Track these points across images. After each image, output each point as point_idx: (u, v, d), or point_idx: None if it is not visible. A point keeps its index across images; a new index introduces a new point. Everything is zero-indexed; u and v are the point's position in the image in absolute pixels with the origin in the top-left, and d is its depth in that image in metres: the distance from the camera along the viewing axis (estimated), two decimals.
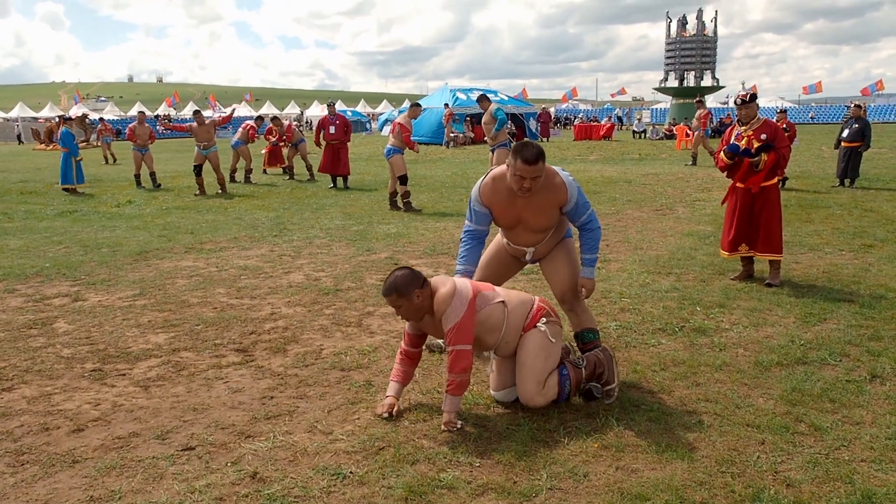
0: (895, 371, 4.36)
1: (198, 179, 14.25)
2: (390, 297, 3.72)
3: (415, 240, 9.01)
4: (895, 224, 9.52)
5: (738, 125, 6.58)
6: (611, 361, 4.03)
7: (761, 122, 6.44)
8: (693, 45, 54.20)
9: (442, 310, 3.67)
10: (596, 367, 3.99)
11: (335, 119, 15.16)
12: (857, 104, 15.12)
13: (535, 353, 3.81)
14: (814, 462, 3.27)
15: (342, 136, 14.95)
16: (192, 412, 3.93)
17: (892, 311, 5.57)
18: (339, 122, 15.12)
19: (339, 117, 15.28)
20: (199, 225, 10.45)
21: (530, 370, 3.79)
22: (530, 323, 3.87)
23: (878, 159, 19.69)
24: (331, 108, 15.75)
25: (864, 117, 14.51)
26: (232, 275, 7.20)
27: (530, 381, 3.77)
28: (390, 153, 11.59)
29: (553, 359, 3.86)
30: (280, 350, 4.95)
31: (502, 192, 4.19)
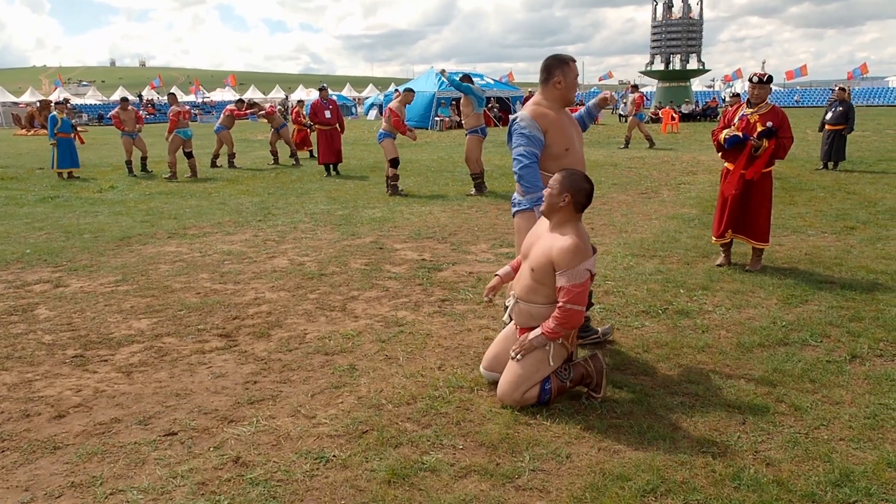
0: (874, 351, 4.41)
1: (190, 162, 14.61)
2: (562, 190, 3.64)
3: (400, 224, 8.99)
4: (877, 206, 9.59)
5: (747, 106, 6.35)
6: (601, 374, 3.80)
7: (770, 108, 6.23)
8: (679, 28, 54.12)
9: (567, 259, 3.55)
10: (584, 378, 3.80)
11: (328, 104, 14.82)
12: (840, 87, 15.17)
13: (531, 363, 3.70)
14: (793, 441, 3.30)
15: (336, 120, 14.75)
16: (175, 397, 3.92)
17: (872, 292, 5.62)
18: (333, 106, 14.82)
19: (331, 102, 14.93)
20: (182, 210, 10.37)
21: (517, 376, 3.69)
22: None
23: (861, 142, 19.81)
24: (322, 92, 15.33)
25: (847, 100, 14.57)
26: (216, 260, 7.16)
27: (512, 385, 3.69)
28: (382, 137, 11.69)
29: (542, 374, 3.71)
30: (264, 335, 4.93)
31: (549, 114, 4.16)
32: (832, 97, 15.03)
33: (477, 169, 11.55)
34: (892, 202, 9.89)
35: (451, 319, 5.19)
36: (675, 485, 2.96)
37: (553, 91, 4.21)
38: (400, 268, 6.74)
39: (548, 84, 4.20)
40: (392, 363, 4.37)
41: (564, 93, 4.22)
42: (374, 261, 7.02)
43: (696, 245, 7.37)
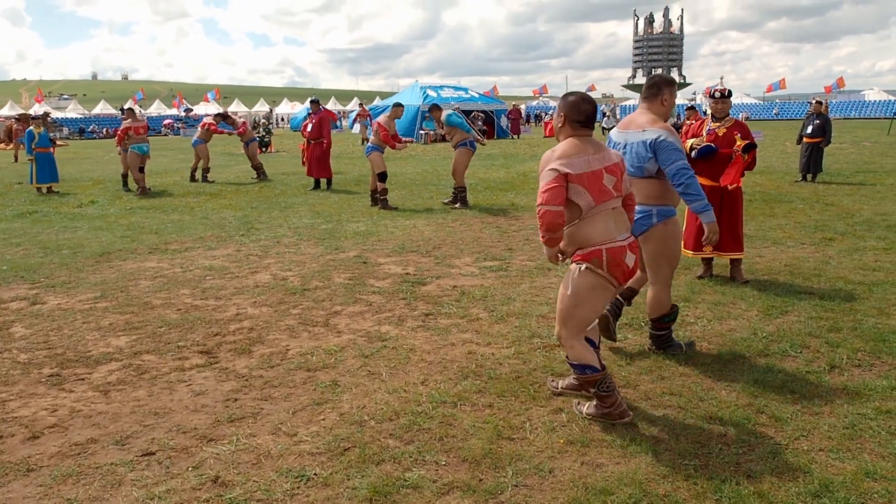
0: (852, 362, 4.44)
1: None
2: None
3: (384, 238, 8.97)
4: (854, 218, 9.70)
5: (711, 120, 6.58)
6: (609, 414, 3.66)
7: (733, 121, 6.51)
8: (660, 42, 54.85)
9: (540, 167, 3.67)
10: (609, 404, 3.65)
11: (311, 117, 14.65)
12: (818, 101, 15.39)
13: (561, 294, 3.74)
14: (774, 453, 3.31)
15: (316, 134, 14.54)
16: (153, 416, 3.87)
17: (851, 302, 5.67)
18: (316, 120, 14.60)
19: (317, 115, 14.64)
20: (164, 225, 10.30)
21: (558, 309, 3.76)
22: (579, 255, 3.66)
23: (839, 154, 20.06)
24: (311, 104, 15.12)
25: (825, 114, 14.78)
26: (197, 275, 7.11)
27: (557, 318, 3.77)
28: (369, 151, 11.72)
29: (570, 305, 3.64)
30: (245, 351, 4.89)
31: None
32: (810, 110, 15.23)
33: (460, 183, 11.59)
34: (868, 213, 10.01)
35: (435, 334, 5.18)
36: (657, 498, 2.96)
37: (659, 107, 4.55)
38: (384, 282, 6.72)
39: (655, 100, 4.55)
40: (375, 379, 4.34)
41: (668, 109, 4.62)
42: (358, 275, 6.99)
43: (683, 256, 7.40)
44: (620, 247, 3.59)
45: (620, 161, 3.73)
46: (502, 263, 7.40)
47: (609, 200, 3.60)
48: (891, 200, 11.26)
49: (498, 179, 15.67)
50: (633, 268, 3.68)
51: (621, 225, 3.66)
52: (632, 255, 3.63)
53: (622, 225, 3.67)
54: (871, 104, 61.00)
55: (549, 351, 4.75)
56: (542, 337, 5.02)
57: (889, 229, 8.77)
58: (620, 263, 3.58)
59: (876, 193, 12.13)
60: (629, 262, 3.61)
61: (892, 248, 7.61)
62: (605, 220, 3.59)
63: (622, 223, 3.67)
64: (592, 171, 3.55)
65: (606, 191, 3.58)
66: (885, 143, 24.43)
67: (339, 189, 14.45)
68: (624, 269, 3.61)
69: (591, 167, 3.55)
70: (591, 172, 3.54)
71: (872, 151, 21.45)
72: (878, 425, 3.57)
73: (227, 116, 18.25)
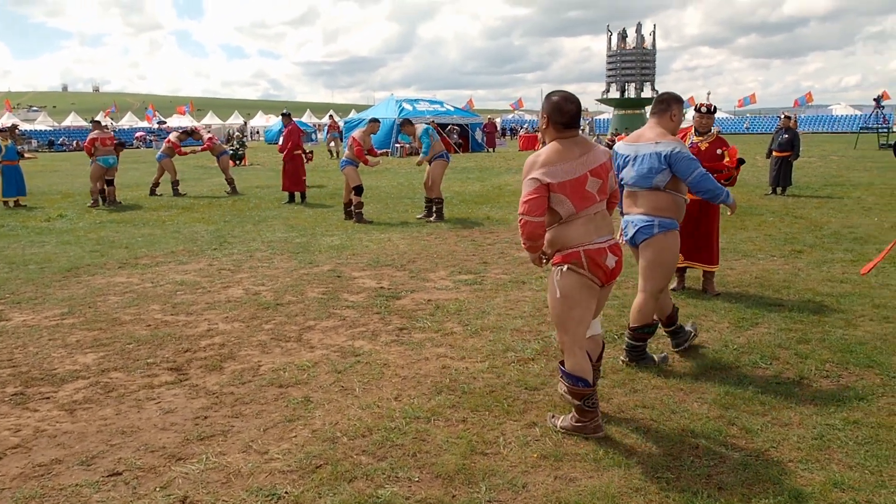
0: (821, 373, 4.50)
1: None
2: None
3: (358, 251, 8.94)
4: (823, 230, 9.86)
5: (695, 134, 6.60)
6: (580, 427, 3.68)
7: (715, 136, 6.56)
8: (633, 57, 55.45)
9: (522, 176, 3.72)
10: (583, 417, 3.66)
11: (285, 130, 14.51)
12: (786, 115, 15.65)
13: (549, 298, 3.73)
14: (745, 464, 3.34)
15: (283, 148, 14.40)
16: (121, 435, 3.80)
17: (819, 314, 5.75)
18: (285, 132, 14.46)
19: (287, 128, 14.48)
20: (134, 239, 10.17)
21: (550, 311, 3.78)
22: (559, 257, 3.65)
23: (807, 168, 20.41)
24: (282, 117, 15.09)
25: (793, 128, 15.02)
26: (168, 290, 7.02)
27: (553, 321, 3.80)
28: (344, 165, 11.79)
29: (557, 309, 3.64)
30: (216, 367, 4.83)
31: None
32: (779, 125, 15.48)
33: (438, 195, 11.62)
34: (836, 226, 10.18)
35: (409, 348, 5.15)
36: None
37: (668, 122, 4.75)
38: (358, 296, 6.69)
39: (665, 115, 4.76)
40: (348, 394, 4.31)
41: (677, 125, 4.81)
42: (332, 289, 6.95)
43: None
44: (599, 248, 3.57)
45: (608, 160, 3.67)
46: (477, 277, 7.40)
47: (591, 206, 3.58)
48: (858, 213, 11.47)
49: (473, 193, 15.71)
50: (615, 269, 3.67)
51: (602, 228, 3.64)
52: (613, 257, 3.61)
53: (603, 228, 3.65)
54: (839, 118, 62.17)
55: (524, 364, 4.75)
56: (516, 351, 5.02)
57: (856, 241, 8.93)
58: (600, 264, 3.57)
59: (843, 206, 12.34)
60: (609, 263, 3.60)
61: (859, 260, 7.73)
62: (586, 224, 3.58)
63: (604, 227, 3.66)
64: (575, 178, 3.52)
65: (589, 196, 3.56)
66: (852, 157, 24.91)
67: (313, 203, 14.39)
68: (605, 269, 3.60)
69: (574, 173, 3.52)
70: (573, 180, 3.51)
71: (840, 165, 21.85)
72: (845, 435, 3.61)
73: (194, 132, 18.06)
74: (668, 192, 4.63)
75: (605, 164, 3.64)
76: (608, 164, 3.67)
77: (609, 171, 3.68)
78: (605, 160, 3.65)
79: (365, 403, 4.15)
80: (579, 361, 3.64)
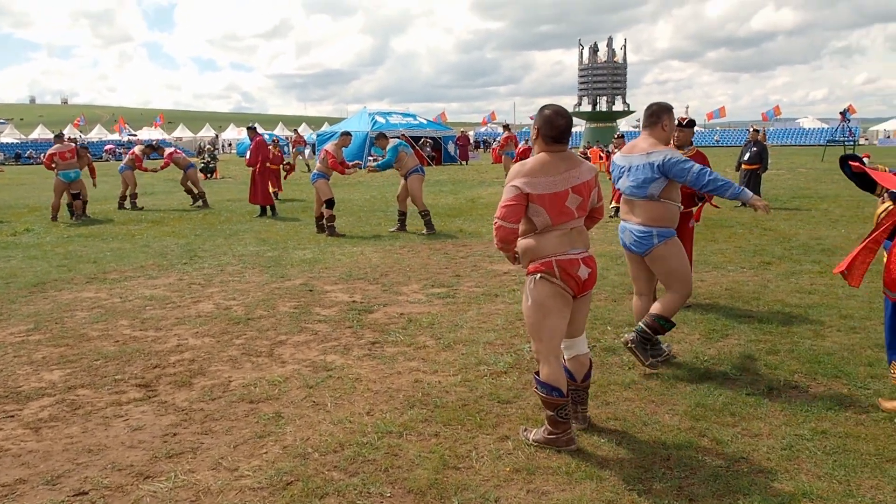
0: (789, 383, 4.56)
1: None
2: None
3: (331, 265, 8.89)
4: (791, 242, 10.02)
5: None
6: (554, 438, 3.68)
7: (695, 150, 6.54)
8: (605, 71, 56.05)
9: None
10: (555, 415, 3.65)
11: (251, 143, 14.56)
12: (755, 129, 15.91)
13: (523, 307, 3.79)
14: (715, 476, 3.36)
15: (252, 161, 14.29)
16: (87, 454, 3.72)
17: (788, 325, 5.83)
18: (253, 145, 14.50)
19: (254, 141, 14.53)
20: (103, 253, 10.02)
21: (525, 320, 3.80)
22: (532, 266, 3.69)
23: (776, 180, 20.74)
24: (248, 131, 15.15)
25: (762, 141, 15.29)
26: (137, 305, 6.92)
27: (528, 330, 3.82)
28: (315, 178, 11.76)
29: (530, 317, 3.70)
30: (185, 384, 4.76)
31: None
32: (748, 138, 15.73)
33: (423, 208, 11.62)
34: (804, 238, 10.35)
35: (381, 362, 5.13)
36: None
37: (661, 132, 4.83)
38: (330, 310, 6.64)
39: (656, 127, 4.83)
40: (319, 409, 4.27)
41: (668, 134, 4.89)
42: (304, 303, 6.90)
43: (623, 282, 7.52)
44: (572, 259, 3.62)
45: (592, 178, 3.72)
46: (450, 290, 7.40)
47: (568, 221, 3.63)
48: (825, 225, 11.67)
49: (446, 206, 15.73)
50: (588, 281, 3.70)
51: (577, 241, 3.68)
52: (586, 269, 3.65)
53: (579, 241, 3.68)
54: (806, 132, 63.38)
55: (496, 378, 4.75)
56: (489, 364, 5.02)
57: (824, 253, 9.08)
58: (572, 275, 3.62)
59: (811, 218, 12.55)
60: (582, 274, 3.64)
61: (827, 271, 7.87)
62: (560, 237, 3.63)
63: (579, 240, 3.69)
64: (555, 193, 3.57)
65: (567, 212, 3.61)
66: (820, 170, 25.36)
67: (285, 216, 14.31)
68: (577, 280, 3.64)
69: (556, 188, 3.57)
70: (553, 194, 3.56)
71: (808, 177, 22.24)
72: (814, 446, 3.65)
73: (158, 147, 17.78)
74: (662, 201, 4.75)
75: (588, 182, 3.69)
76: (592, 182, 3.72)
77: (592, 190, 3.73)
78: (590, 178, 3.70)
79: (337, 418, 4.12)
80: (553, 371, 3.65)
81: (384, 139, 11.92)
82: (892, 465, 3.43)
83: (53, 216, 14.01)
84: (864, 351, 5.12)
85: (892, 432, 3.80)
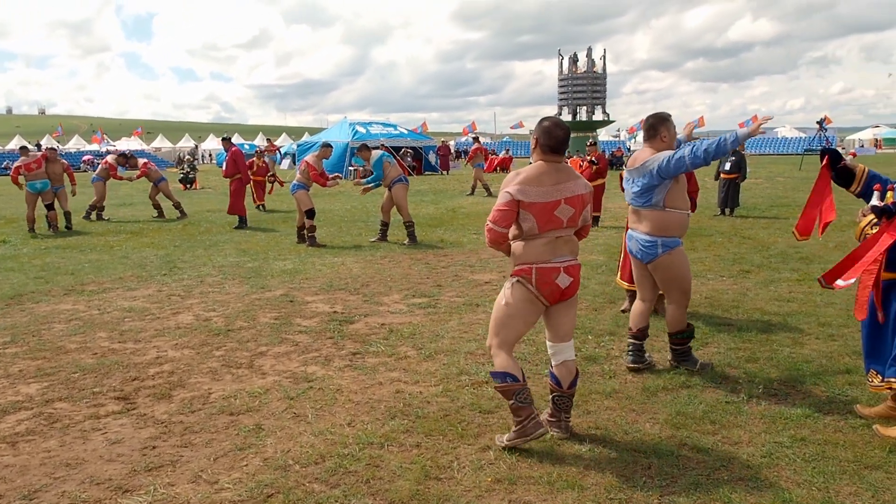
0: (769, 391, 4.60)
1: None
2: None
3: (311, 276, 8.86)
4: (770, 250, 10.13)
5: None
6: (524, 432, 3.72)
7: None
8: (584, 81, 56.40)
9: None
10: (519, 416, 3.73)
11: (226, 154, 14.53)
12: None
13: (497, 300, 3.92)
14: (696, 484, 3.38)
15: (230, 172, 14.26)
16: (65, 468, 3.68)
17: (767, 333, 5.89)
18: (228, 156, 14.42)
19: (230, 152, 14.46)
20: (81, 265, 9.91)
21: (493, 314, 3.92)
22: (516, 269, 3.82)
23: (755, 189, 20.98)
24: (223, 142, 15.17)
25: (740, 151, 15.47)
26: (115, 317, 6.84)
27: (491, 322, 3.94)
28: (295, 189, 11.76)
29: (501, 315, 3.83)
30: (165, 396, 4.71)
31: None
32: None
33: (408, 218, 11.63)
34: (783, 246, 10.47)
35: (363, 373, 5.11)
36: None
37: (660, 143, 4.86)
38: (311, 321, 6.61)
39: (655, 139, 4.86)
40: (300, 421, 4.25)
41: (669, 143, 4.88)
42: (284, 314, 6.87)
43: (603, 291, 7.56)
44: (553, 268, 3.71)
45: (586, 194, 3.79)
46: (431, 300, 7.40)
47: (556, 230, 3.71)
48: None
49: (427, 215, 15.73)
50: (568, 290, 3.77)
51: (562, 249, 3.76)
52: (567, 277, 3.74)
53: (564, 249, 3.77)
54: (784, 141, 64.10)
55: (478, 388, 4.74)
56: (470, 374, 5.02)
57: (802, 261, 9.19)
58: (549, 283, 3.71)
59: (790, 226, 12.66)
60: (562, 282, 3.72)
61: (805, 279, 7.96)
62: (545, 244, 3.73)
63: (565, 248, 3.78)
64: (546, 202, 3.66)
65: (556, 220, 3.69)
66: (798, 178, 25.68)
67: (266, 227, 14.25)
68: (553, 288, 3.73)
69: (548, 197, 3.66)
70: (543, 203, 3.66)
71: (786, 186, 22.51)
72: (793, 453, 3.69)
73: (130, 158, 17.56)
74: (667, 210, 4.80)
75: (582, 196, 3.78)
76: (587, 198, 3.81)
77: (585, 205, 3.81)
78: (584, 193, 3.79)
79: (317, 430, 4.09)
80: (504, 360, 3.79)
81: (367, 150, 11.90)
82: (870, 472, 3.47)
83: (30, 228, 13.81)
84: (843, 358, 5.18)
85: (869, 439, 3.84)
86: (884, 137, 68.20)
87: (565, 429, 3.95)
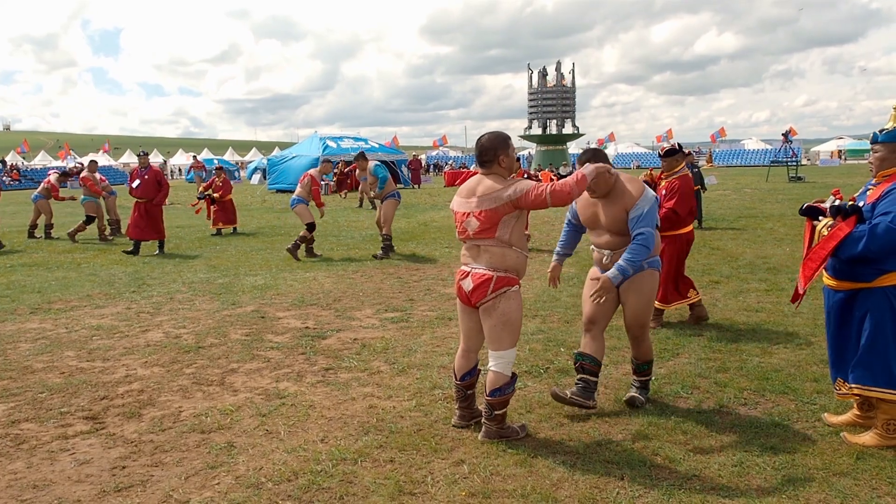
0: (739, 400, 4.66)
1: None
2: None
3: (283, 291, 8.80)
4: (738, 261, 10.28)
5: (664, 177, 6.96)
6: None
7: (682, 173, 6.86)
8: (554, 95, 56.99)
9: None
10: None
11: (144, 172, 12.77)
12: (689, 151, 16.38)
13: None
14: (668, 494, 3.40)
15: (151, 193, 12.59)
16: (32, 490, 3.60)
17: (736, 343, 5.97)
18: (149, 176, 12.74)
19: (151, 170, 12.95)
20: (47, 283, 9.74)
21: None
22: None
23: (722, 201, 21.29)
24: (140, 158, 13.56)
25: (692, 162, 15.72)
26: (83, 336, 6.73)
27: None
28: (295, 203, 11.92)
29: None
30: (134, 415, 4.64)
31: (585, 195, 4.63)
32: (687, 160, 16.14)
33: (387, 232, 11.70)
34: (751, 257, 10.63)
35: (335, 389, 5.08)
36: None
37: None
38: (282, 337, 6.57)
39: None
40: (272, 438, 4.21)
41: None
42: (256, 330, 6.81)
43: (575, 304, 7.60)
44: (462, 271, 4.13)
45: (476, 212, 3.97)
46: (403, 314, 7.39)
47: (464, 238, 4.11)
48: (771, 244, 12.01)
49: (399, 229, 15.72)
50: (473, 294, 4.03)
51: (475, 258, 4.07)
52: (469, 282, 4.04)
53: (478, 259, 4.05)
54: (751, 153, 65.15)
55: (451, 402, 4.73)
56: (443, 388, 5.01)
57: (770, 271, 9.34)
58: (459, 285, 4.13)
59: (757, 237, 12.91)
60: (465, 285, 4.07)
61: (773, 289, 8.09)
62: (464, 250, 4.16)
63: (478, 257, 4.05)
64: (455, 212, 4.14)
65: (461, 230, 4.10)
66: (765, 190, 26.11)
67: (236, 243, 14.13)
68: (459, 288, 4.13)
69: (457, 208, 4.13)
70: (455, 212, 4.15)
71: (753, 197, 22.87)
72: (763, 462, 3.73)
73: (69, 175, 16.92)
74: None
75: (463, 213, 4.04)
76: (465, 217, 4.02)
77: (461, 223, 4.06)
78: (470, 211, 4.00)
79: (290, 447, 4.06)
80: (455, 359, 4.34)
81: (364, 160, 12.17)
82: (839, 479, 3.53)
83: None
84: (811, 367, 5.26)
85: (838, 447, 3.91)
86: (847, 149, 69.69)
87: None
